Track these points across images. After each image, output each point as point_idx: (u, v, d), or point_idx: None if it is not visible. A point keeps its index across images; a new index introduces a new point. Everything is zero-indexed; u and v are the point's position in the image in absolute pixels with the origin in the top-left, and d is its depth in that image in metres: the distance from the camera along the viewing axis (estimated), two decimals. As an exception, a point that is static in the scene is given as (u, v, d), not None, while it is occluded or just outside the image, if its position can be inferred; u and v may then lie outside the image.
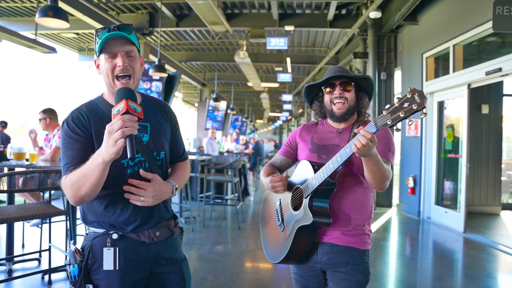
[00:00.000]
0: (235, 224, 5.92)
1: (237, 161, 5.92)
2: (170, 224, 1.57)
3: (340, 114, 1.76)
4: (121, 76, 1.44)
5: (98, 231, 1.45)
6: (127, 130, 1.21)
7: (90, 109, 1.47)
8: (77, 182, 1.30)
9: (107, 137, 1.23)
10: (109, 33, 1.40)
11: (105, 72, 1.45)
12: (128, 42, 1.44)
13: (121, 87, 1.36)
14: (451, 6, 5.96)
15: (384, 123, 1.33)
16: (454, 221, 5.97)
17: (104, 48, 1.43)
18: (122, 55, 1.43)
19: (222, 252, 4.62)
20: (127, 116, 1.23)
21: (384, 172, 1.56)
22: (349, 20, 8.26)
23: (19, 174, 2.71)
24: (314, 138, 1.85)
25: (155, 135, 1.52)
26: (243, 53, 9.20)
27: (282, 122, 32.77)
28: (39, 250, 3.72)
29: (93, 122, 1.43)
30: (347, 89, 1.75)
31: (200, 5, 6.38)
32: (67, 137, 1.41)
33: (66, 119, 1.44)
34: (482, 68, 5.20)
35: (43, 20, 3.82)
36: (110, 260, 1.41)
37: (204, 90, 16.56)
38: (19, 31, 7.20)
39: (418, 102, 1.25)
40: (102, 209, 1.44)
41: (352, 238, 1.72)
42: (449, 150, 6.55)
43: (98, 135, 1.41)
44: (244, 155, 10.43)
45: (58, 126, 4.43)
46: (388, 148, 1.71)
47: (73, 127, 1.41)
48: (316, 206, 1.66)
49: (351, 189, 1.73)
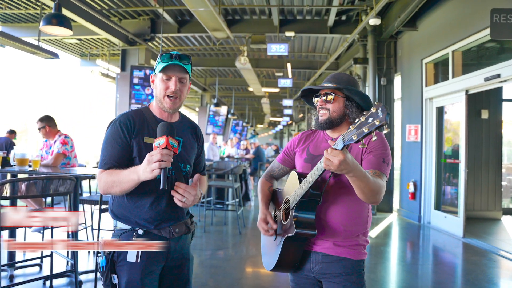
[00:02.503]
0: (236, 229, 5.93)
1: (238, 167, 5.95)
2: (187, 222, 1.78)
3: (320, 122, 1.76)
4: (171, 96, 1.69)
5: (125, 227, 1.67)
6: (163, 164, 1.46)
7: (137, 116, 1.72)
8: (111, 183, 1.57)
9: (146, 164, 1.48)
10: (171, 60, 1.66)
11: (158, 89, 1.71)
12: (183, 71, 1.69)
13: (164, 122, 1.59)
14: (450, 13, 6.01)
15: (350, 138, 1.31)
16: (453, 226, 5.97)
17: (164, 70, 1.68)
18: (176, 80, 1.68)
19: (223, 257, 4.63)
20: (165, 151, 1.47)
21: (373, 186, 1.51)
22: (349, 26, 8.31)
23: (22, 181, 2.74)
24: (310, 148, 1.84)
25: (184, 150, 1.75)
26: (244, 58, 9.24)
27: (282, 126, 32.80)
28: (41, 256, 3.74)
29: (137, 128, 1.67)
30: (328, 99, 1.74)
31: (202, 11, 6.43)
32: (111, 136, 1.66)
33: (115, 120, 1.70)
34: (481, 74, 5.23)
35: (47, 28, 3.87)
36: (133, 253, 1.61)
37: (205, 95, 16.62)
38: (22, 37, 7.27)
39: (380, 117, 1.22)
40: (131, 205, 1.66)
41: (344, 249, 1.70)
42: (449, 155, 6.58)
43: (137, 139, 1.66)
44: (244, 160, 10.46)
45: (58, 132, 4.41)
46: (382, 159, 1.66)
47: (118, 129, 1.65)
48: (301, 217, 1.65)
49: (341, 200, 1.70)
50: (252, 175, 10.47)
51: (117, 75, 9.02)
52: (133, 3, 7.80)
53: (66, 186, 2.85)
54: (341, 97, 1.75)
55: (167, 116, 1.76)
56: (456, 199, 6.31)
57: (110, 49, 10.76)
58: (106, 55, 11.02)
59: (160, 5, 7.39)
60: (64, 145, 4.26)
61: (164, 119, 1.74)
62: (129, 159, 1.65)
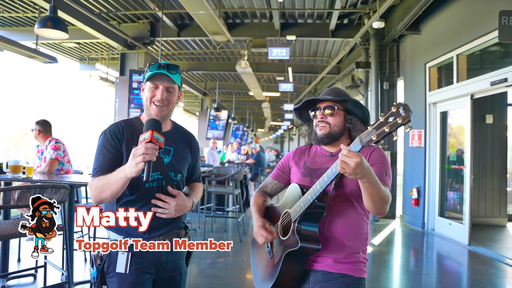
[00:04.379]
0: (236, 236, 5.81)
1: (238, 173, 5.83)
2: (180, 234, 1.74)
3: (321, 136, 1.70)
4: (157, 104, 1.69)
5: (116, 237, 1.63)
6: (147, 156, 1.45)
7: (127, 125, 1.73)
8: (101, 187, 1.55)
9: (131, 159, 1.47)
10: (158, 70, 1.67)
11: (145, 98, 1.73)
12: (170, 80, 1.70)
13: (151, 118, 1.60)
14: (455, 16, 5.91)
15: (369, 139, 1.27)
16: (458, 233, 5.84)
17: (151, 79, 1.69)
18: (163, 89, 1.69)
19: (223, 266, 4.51)
20: (150, 145, 1.46)
21: (383, 195, 1.48)
22: (351, 30, 8.22)
23: (14, 189, 2.63)
24: (307, 162, 1.78)
25: (175, 159, 1.75)
26: (244, 62, 9.15)
27: (283, 131, 32.72)
28: (35, 267, 3.62)
29: (126, 137, 1.69)
30: (330, 113, 1.69)
31: (201, 15, 6.34)
32: (102, 146, 1.67)
33: (105, 130, 1.71)
34: (487, 78, 5.12)
35: (42, 31, 3.76)
36: (123, 264, 1.60)
37: (205, 99, 16.53)
38: (20, 41, 7.19)
39: (403, 115, 1.19)
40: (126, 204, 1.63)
41: (346, 265, 1.62)
42: (453, 161, 6.46)
43: (127, 148, 1.66)
44: (245, 165, 10.33)
45: (49, 137, 4.40)
46: (385, 171, 1.63)
47: (109, 139, 1.67)
48: (304, 230, 1.57)
49: (344, 214, 1.64)
50: (252, 180, 10.35)
51: (116, 79, 8.93)
52: (132, 6, 7.72)
53: (60, 195, 2.74)
54: (342, 110, 1.71)
55: None
56: (458, 205, 6.19)
57: (110, 53, 10.68)
58: (105, 59, 10.94)
59: (160, 8, 7.30)
60: (56, 151, 4.21)
61: None
62: (121, 166, 1.63)
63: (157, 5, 7.38)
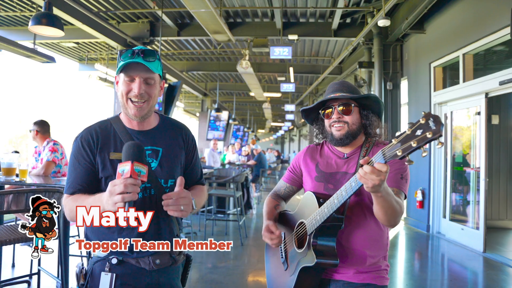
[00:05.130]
0: (237, 240, 5.67)
1: (240, 175, 5.70)
2: (173, 252, 1.50)
3: (339, 137, 1.56)
4: (135, 101, 1.43)
5: (100, 255, 1.44)
6: (127, 197, 1.20)
7: (103, 128, 1.49)
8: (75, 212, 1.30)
9: (108, 196, 1.23)
10: (132, 58, 1.40)
11: (120, 93, 1.46)
12: (149, 70, 1.43)
13: (130, 143, 1.31)
14: (461, 14, 5.78)
15: (393, 154, 1.13)
16: (471, 240, 5.51)
17: (125, 70, 1.42)
18: (140, 81, 1.42)
19: (224, 271, 4.37)
20: (130, 181, 1.21)
21: (397, 207, 1.35)
22: (354, 29, 8.10)
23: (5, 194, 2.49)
24: (319, 165, 1.64)
25: (165, 162, 1.50)
26: (245, 62, 9.02)
27: (284, 132, 32.62)
28: (29, 274, 3.48)
29: (101, 142, 1.45)
30: (347, 112, 1.55)
31: (202, 13, 6.21)
32: (73, 157, 1.45)
33: (76, 138, 1.48)
34: (496, 77, 4.99)
35: (37, 28, 3.62)
36: (106, 285, 1.39)
37: (205, 100, 16.41)
38: (18, 41, 7.07)
39: (433, 129, 1.04)
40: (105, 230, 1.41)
41: (368, 274, 1.52)
42: (458, 163, 6.31)
43: (103, 157, 1.43)
44: (246, 166, 10.20)
45: (47, 138, 4.29)
46: (401, 175, 1.49)
47: (80, 148, 1.44)
48: (321, 245, 1.45)
49: (364, 224, 1.52)
50: (254, 182, 10.21)
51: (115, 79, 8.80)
52: (131, 5, 7.59)
53: (53, 200, 2.61)
54: (357, 107, 1.58)
55: (137, 124, 1.51)
56: (467, 208, 6.04)
57: (109, 53, 10.56)
58: (104, 59, 10.82)
59: (159, 7, 7.18)
60: (54, 153, 4.07)
61: (135, 128, 1.51)
62: (97, 179, 1.43)
63: (157, 3, 7.26)
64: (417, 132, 1.07)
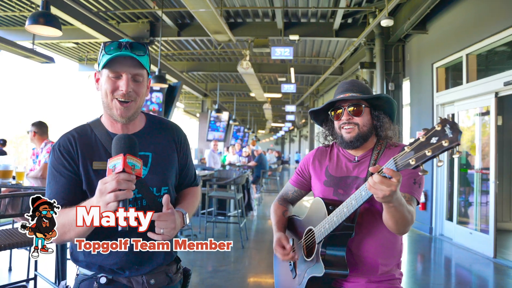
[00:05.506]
0: (238, 242, 5.60)
1: (240, 177, 5.63)
2: (170, 270, 1.37)
3: (350, 139, 1.48)
4: (122, 100, 1.26)
5: (87, 273, 1.30)
6: (121, 194, 1.06)
7: (82, 134, 1.32)
8: (62, 228, 1.16)
9: (98, 196, 1.09)
10: (120, 50, 1.23)
11: (104, 91, 1.27)
12: (137, 64, 1.27)
13: (120, 135, 1.17)
14: (464, 14, 5.71)
15: (406, 163, 1.05)
16: (480, 244, 5.29)
17: (110, 64, 1.24)
18: (128, 78, 1.25)
19: (225, 275, 4.30)
20: (123, 176, 1.07)
21: (408, 217, 1.28)
22: (355, 30, 8.04)
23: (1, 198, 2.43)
24: (329, 168, 1.57)
25: (156, 168, 1.34)
26: (246, 63, 8.96)
27: (284, 132, 32.57)
28: (26, 279, 3.41)
29: (82, 151, 1.28)
30: (357, 113, 1.47)
31: (202, 13, 6.15)
32: (52, 168, 1.27)
33: (53, 146, 1.30)
34: (501, 78, 4.92)
35: (34, 28, 3.55)
36: None
37: (206, 100, 16.35)
38: (17, 41, 7.01)
39: (450, 137, 0.95)
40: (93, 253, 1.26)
41: (381, 284, 1.45)
42: (464, 164, 6.23)
43: (85, 166, 1.26)
44: (247, 168, 10.13)
45: (45, 140, 4.24)
46: (413, 179, 1.40)
47: (59, 158, 1.27)
48: (329, 255, 1.39)
49: (375, 231, 1.44)
50: (254, 183, 10.14)
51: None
52: (131, 5, 7.53)
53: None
54: (368, 107, 1.50)
55: (121, 127, 1.34)
56: (469, 210, 5.96)
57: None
58: (104, 59, 10.74)
59: (159, 6, 7.12)
60: None
61: (119, 132, 1.33)
62: (83, 191, 1.28)
63: (157, 3, 7.20)
64: (432, 140, 0.99)
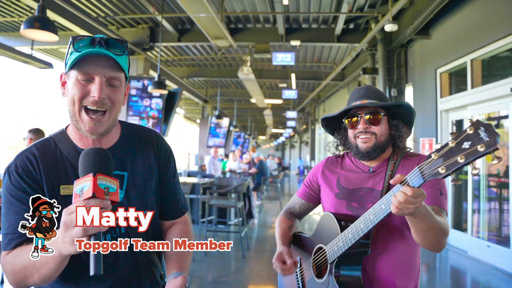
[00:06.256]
0: (239, 252, 5.47)
1: (241, 185, 5.51)
2: None
3: (366, 149, 1.37)
4: (92, 110, 1.02)
5: None
6: (91, 229, 0.83)
7: (44, 151, 1.06)
8: (23, 271, 0.94)
9: (63, 231, 0.86)
10: (92, 47, 1.00)
11: (70, 97, 1.02)
12: (114, 65, 1.02)
13: (89, 149, 0.92)
14: (468, 19, 5.62)
15: (435, 172, 0.93)
16: (501, 258, 4.87)
17: (79, 64, 1.00)
18: (102, 81, 1.01)
19: (225, 287, 4.18)
20: (93, 202, 0.84)
21: (440, 227, 1.15)
22: (357, 35, 7.97)
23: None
24: (340, 180, 1.45)
25: (133, 190, 1.11)
26: (246, 69, 8.88)
27: (285, 138, 32.48)
28: None
29: (46, 172, 1.03)
30: (375, 121, 1.36)
31: (203, 18, 6.08)
32: (10, 197, 1.00)
33: (8, 169, 1.03)
34: (506, 84, 4.82)
35: (29, 32, 3.46)
36: None
37: (206, 106, 16.27)
38: (16, 47, 6.94)
39: (486, 141, 0.84)
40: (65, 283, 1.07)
41: None
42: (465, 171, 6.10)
43: (52, 193, 1.02)
44: (248, 175, 10.01)
45: None
46: (439, 190, 1.29)
47: (18, 182, 1.01)
48: (344, 276, 1.27)
49: (392, 249, 1.32)
50: (255, 190, 10.01)
51: (115, 85, 8.65)
52: (131, 11, 7.47)
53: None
54: (386, 116, 1.39)
55: (93, 142, 1.09)
56: (464, 215, 5.81)
57: (108, 59, 10.42)
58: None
59: (159, 12, 7.05)
60: None
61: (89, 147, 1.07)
62: None
63: (157, 9, 7.14)
64: (464, 145, 0.87)
